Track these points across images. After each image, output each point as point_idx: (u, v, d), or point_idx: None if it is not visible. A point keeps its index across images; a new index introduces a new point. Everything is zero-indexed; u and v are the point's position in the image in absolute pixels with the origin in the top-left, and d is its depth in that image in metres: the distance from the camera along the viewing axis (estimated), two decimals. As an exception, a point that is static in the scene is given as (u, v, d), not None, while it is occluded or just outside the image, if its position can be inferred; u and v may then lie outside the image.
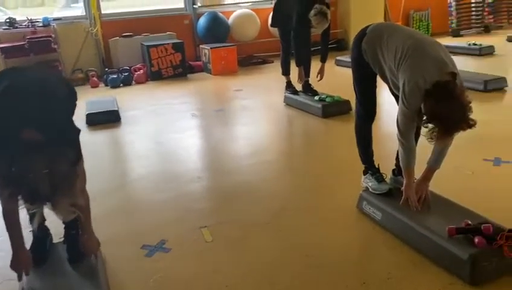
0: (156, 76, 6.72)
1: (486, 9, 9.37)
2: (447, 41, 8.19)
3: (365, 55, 2.29)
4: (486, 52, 6.90)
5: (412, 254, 2.09)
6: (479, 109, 1.98)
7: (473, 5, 9.25)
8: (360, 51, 2.31)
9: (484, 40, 7.78)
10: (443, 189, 2.41)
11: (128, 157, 3.95)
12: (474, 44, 7.08)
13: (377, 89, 2.45)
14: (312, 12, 4.17)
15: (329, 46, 4.70)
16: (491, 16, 9.44)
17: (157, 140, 4.17)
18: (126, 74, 6.54)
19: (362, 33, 2.33)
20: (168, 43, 6.78)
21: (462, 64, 6.46)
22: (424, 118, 1.97)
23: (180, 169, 3.43)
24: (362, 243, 2.34)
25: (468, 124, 1.90)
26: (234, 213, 2.65)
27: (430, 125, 1.95)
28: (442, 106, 1.90)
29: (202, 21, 7.37)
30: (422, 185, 2.28)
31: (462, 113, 1.89)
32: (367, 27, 2.34)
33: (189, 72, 7.02)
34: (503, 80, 4.92)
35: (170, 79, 6.71)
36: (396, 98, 2.33)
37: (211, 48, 6.90)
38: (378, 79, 2.38)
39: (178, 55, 6.81)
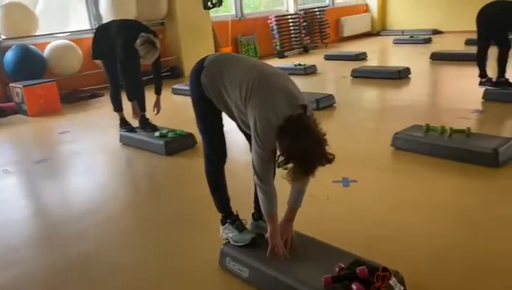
0: (-48, 126, 5.43)
1: (303, 31, 10.24)
2: (274, 62, 8.64)
3: (206, 91, 1.99)
4: (310, 71, 7.40)
5: (289, 313, 1.84)
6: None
7: (291, 28, 9.99)
8: (199, 86, 1.99)
9: (306, 60, 8.40)
10: (306, 222, 2.24)
11: None
12: (299, 64, 7.53)
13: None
14: (138, 41, 3.76)
15: (163, 74, 4.34)
16: (307, 38, 10.34)
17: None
18: None
19: (199, 66, 2.02)
20: (-36, 85, 5.56)
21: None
22: (281, 158, 1.73)
23: (-10, 251, 2.62)
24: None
25: (328, 158, 1.74)
26: (69, 303, 2.05)
27: (290, 166, 1.73)
28: (298, 143, 1.69)
29: (10, 55, 6.28)
30: (286, 227, 2.06)
31: (320, 148, 1.72)
32: (204, 59, 2.04)
33: (-2, 116, 5.88)
34: (331, 97, 5.23)
35: (-27, 127, 5.50)
36: (246, 135, 2.08)
37: (24, 86, 5.89)
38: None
39: (-19, 97, 5.64)
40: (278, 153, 1.77)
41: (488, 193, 2.84)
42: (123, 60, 3.95)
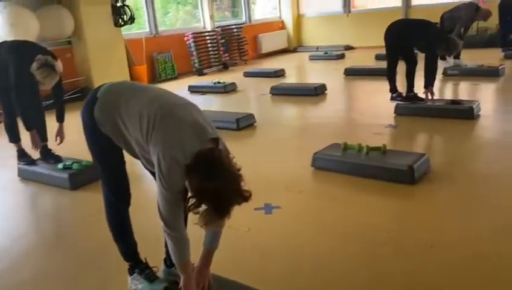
0: None
1: (221, 48, 10.15)
2: (194, 80, 8.44)
3: (101, 126, 1.73)
4: (230, 89, 7.28)
5: None
6: (235, 151, 1.69)
7: (209, 45, 9.86)
8: (93, 121, 1.73)
9: (226, 77, 8.30)
10: (225, 260, 2.05)
11: None
12: (219, 82, 7.39)
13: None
14: (35, 65, 3.36)
15: (72, 96, 3.92)
16: (226, 55, 10.28)
17: None
18: None
19: (92, 97, 1.76)
20: None
21: (212, 103, 6.63)
22: (192, 201, 1.53)
23: None
24: None
25: (244, 196, 1.56)
26: None
27: (202, 209, 1.53)
28: (210, 182, 1.50)
29: None
30: (202, 273, 1.85)
31: (235, 185, 1.54)
32: (98, 88, 1.79)
33: None
34: (251, 116, 5.12)
35: None
36: (153, 174, 1.85)
37: None
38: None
39: None
40: (189, 194, 1.57)
41: (406, 212, 2.84)
42: (17, 85, 3.51)
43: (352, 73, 7.77)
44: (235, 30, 10.68)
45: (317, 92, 6.42)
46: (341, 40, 11.62)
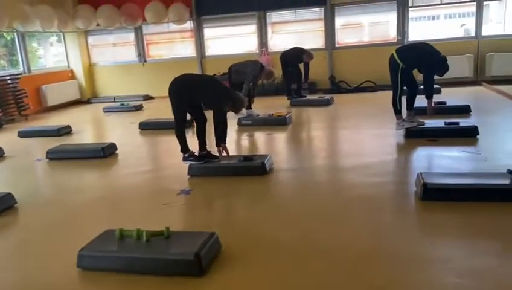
0: None
1: (-8, 103, 8.44)
2: None
3: None
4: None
5: None
6: None
7: (-29, 100, 8.05)
8: None
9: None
10: None
11: None
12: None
13: None
14: None
15: None
16: (-1, 110, 8.59)
17: None
18: None
19: None
20: None
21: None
22: None
23: None
24: None
25: None
26: None
27: None
28: None
29: None
30: None
31: None
32: None
33: None
34: (9, 196, 3.96)
35: None
36: None
37: None
38: None
39: None
40: None
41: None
42: None
43: (147, 127, 7.19)
44: (9, 82, 9.07)
45: (105, 153, 5.59)
46: (139, 90, 11.06)
